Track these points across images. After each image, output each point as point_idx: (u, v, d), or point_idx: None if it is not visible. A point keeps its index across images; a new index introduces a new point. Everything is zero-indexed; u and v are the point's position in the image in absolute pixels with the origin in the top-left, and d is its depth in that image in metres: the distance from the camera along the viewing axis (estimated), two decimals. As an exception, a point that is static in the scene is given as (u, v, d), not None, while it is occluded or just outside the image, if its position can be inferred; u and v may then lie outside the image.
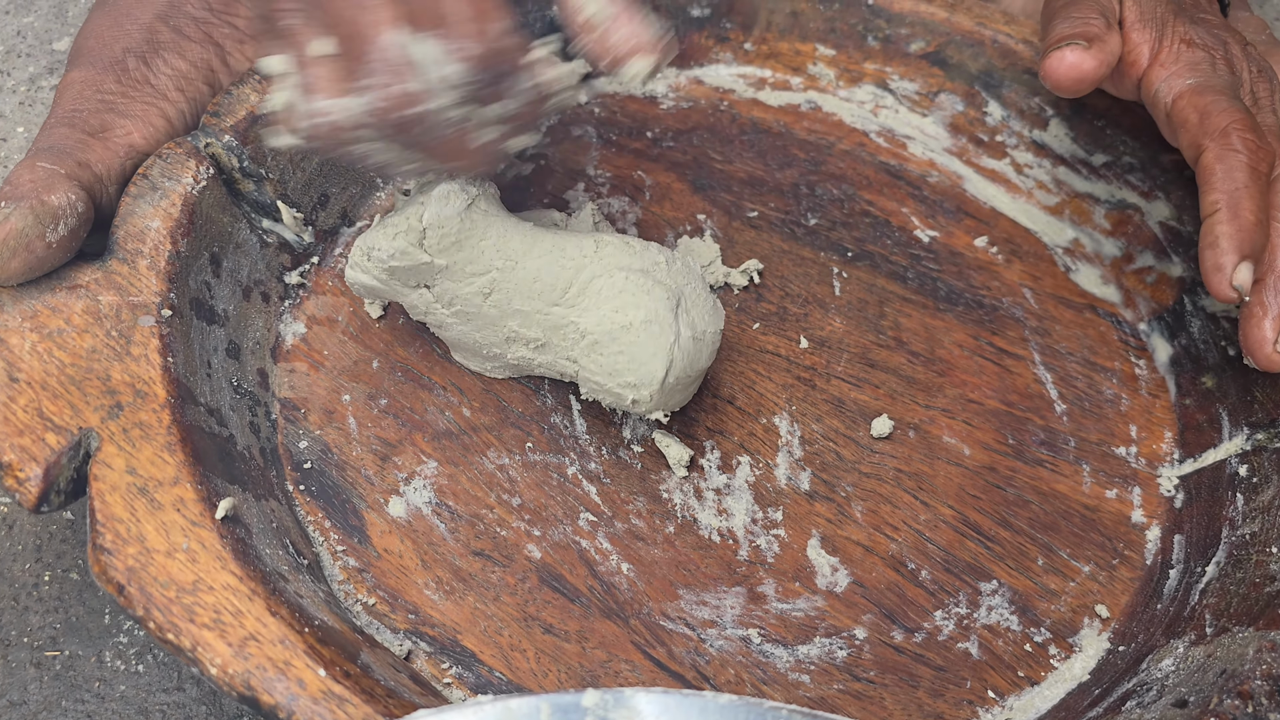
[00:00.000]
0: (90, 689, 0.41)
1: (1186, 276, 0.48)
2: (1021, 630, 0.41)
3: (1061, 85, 0.43)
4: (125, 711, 0.41)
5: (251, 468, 0.41)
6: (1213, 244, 0.40)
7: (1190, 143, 0.42)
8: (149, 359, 0.39)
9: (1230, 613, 0.38)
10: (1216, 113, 0.41)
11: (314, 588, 0.38)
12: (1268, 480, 0.41)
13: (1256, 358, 0.40)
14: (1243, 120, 0.41)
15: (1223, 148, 0.40)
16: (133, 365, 0.39)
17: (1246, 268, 0.39)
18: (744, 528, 0.43)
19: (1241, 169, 0.40)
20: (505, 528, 0.42)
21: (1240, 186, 0.40)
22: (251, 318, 0.45)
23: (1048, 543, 0.43)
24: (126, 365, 0.39)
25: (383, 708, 0.32)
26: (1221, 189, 0.40)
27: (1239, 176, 0.40)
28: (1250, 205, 0.39)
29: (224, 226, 0.45)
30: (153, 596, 0.34)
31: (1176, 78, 0.43)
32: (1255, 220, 0.39)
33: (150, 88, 0.48)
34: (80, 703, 0.41)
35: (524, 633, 0.40)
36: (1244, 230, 0.39)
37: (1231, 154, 0.40)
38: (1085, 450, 0.45)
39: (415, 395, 0.45)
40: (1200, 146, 0.41)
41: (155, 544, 0.35)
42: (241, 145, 0.46)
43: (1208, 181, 0.41)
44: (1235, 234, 0.39)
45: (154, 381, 0.39)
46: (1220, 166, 0.40)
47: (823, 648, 0.40)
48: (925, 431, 0.46)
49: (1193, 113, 0.42)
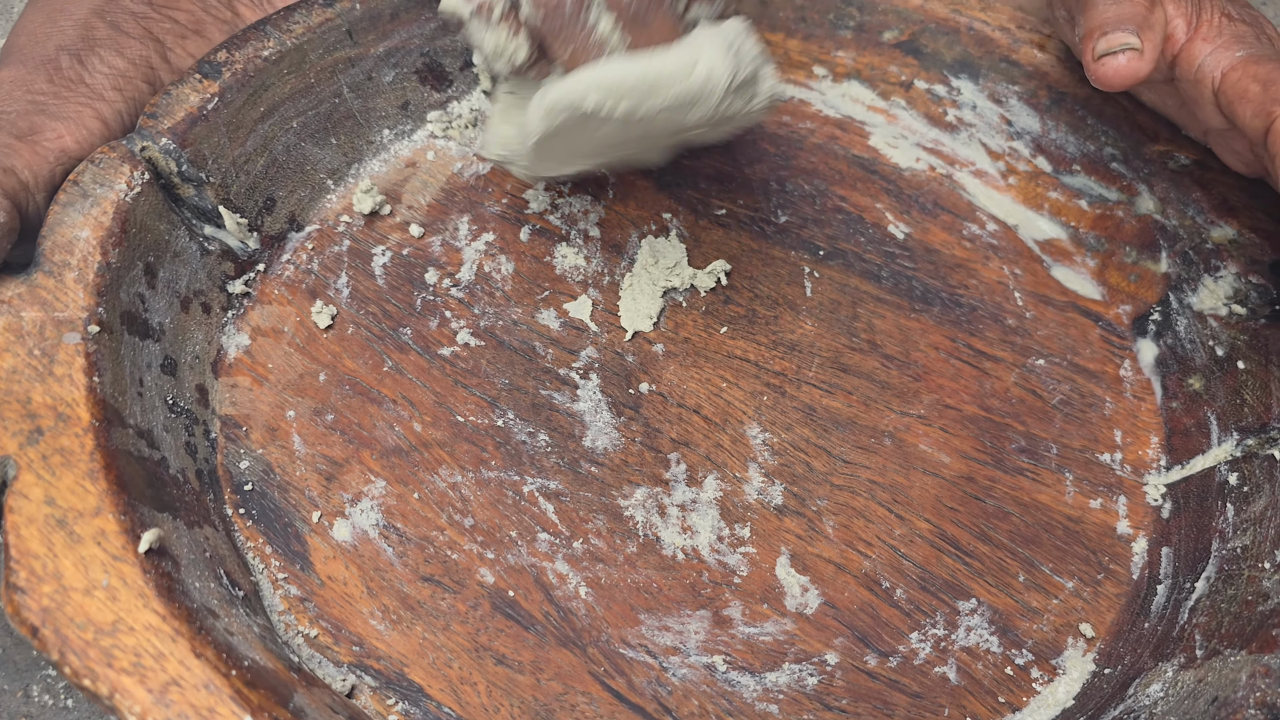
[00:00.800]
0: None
1: (1172, 273, 0.46)
2: (1002, 652, 0.39)
3: (1113, 87, 0.40)
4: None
5: (185, 492, 0.38)
6: None
7: (1256, 112, 0.39)
8: (73, 379, 0.37)
9: (1221, 633, 0.36)
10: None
11: (248, 622, 0.35)
12: (1259, 490, 0.39)
13: None
14: None
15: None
16: (55, 386, 0.37)
17: None
18: (709, 546, 0.41)
19: None
20: (457, 551, 0.40)
21: None
22: (190, 330, 0.43)
23: (1029, 557, 0.41)
24: (49, 386, 0.37)
25: (314, 756, 0.30)
26: None
27: None
28: None
29: (160, 234, 0.43)
30: (69, 639, 0.32)
31: (1224, 50, 0.40)
32: None
33: (85, 87, 0.46)
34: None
35: (475, 664, 0.37)
36: None
37: None
38: (1068, 457, 0.43)
39: (364, 410, 0.43)
40: (1271, 114, 0.38)
41: (73, 581, 0.33)
42: (180, 148, 0.44)
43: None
44: None
45: (78, 403, 0.36)
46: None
47: (792, 674, 0.38)
48: (900, 440, 0.43)
49: (1253, 83, 0.39)
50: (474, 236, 0.48)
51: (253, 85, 0.46)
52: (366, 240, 0.48)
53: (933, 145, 0.52)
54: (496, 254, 0.48)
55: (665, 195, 0.50)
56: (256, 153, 0.46)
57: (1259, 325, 0.42)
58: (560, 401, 0.44)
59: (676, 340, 0.46)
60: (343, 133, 0.49)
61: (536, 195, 0.50)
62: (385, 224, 0.48)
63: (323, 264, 0.47)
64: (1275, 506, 0.38)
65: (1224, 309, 0.43)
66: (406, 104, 0.51)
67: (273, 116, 0.47)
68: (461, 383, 0.44)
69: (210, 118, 0.45)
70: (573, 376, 0.44)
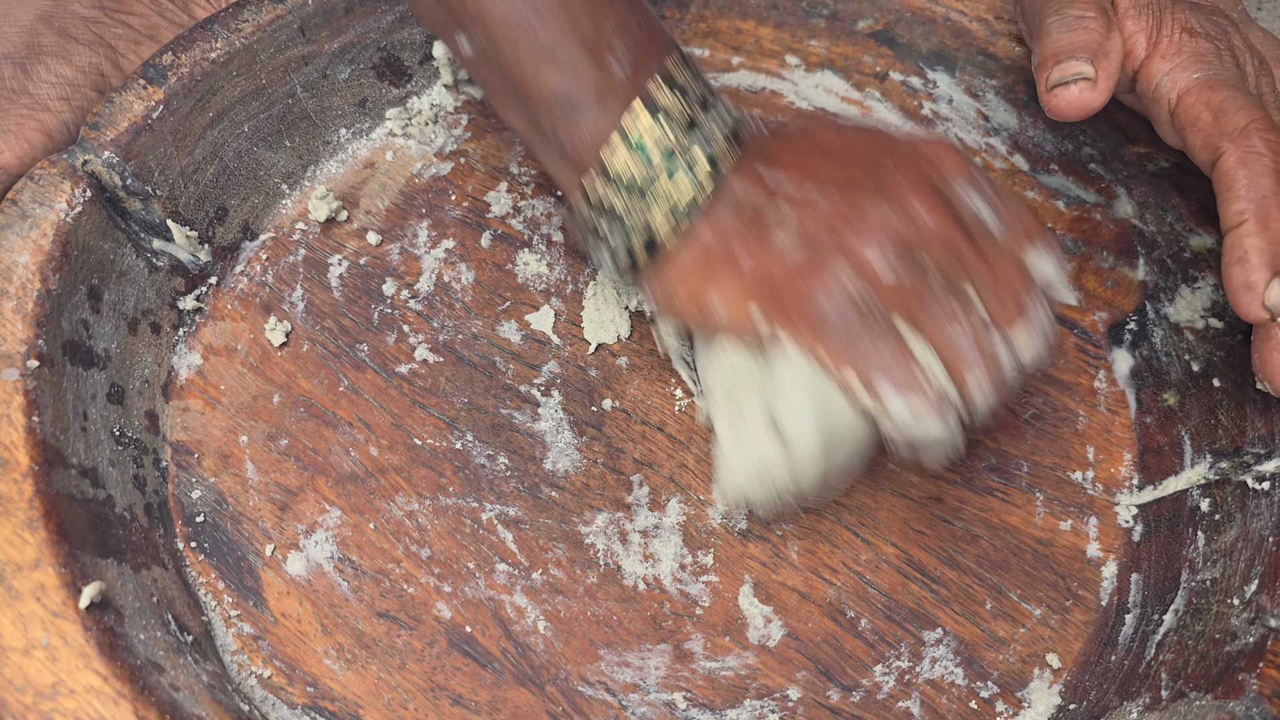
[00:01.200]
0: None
1: (1149, 281, 0.45)
2: (967, 685, 0.38)
3: (1067, 119, 0.39)
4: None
5: (132, 532, 0.37)
6: (1241, 259, 0.36)
7: (1205, 144, 0.38)
8: (11, 419, 0.36)
9: (1188, 673, 0.35)
10: (1233, 110, 0.37)
11: (196, 671, 0.35)
12: (1231, 519, 0.38)
13: (1276, 384, 0.37)
14: (1262, 119, 0.37)
15: (1245, 151, 0.36)
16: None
17: (1279, 285, 0.35)
18: (671, 574, 0.40)
19: (1267, 174, 0.36)
20: (413, 584, 0.39)
21: (1267, 193, 0.36)
22: (139, 354, 0.42)
23: (997, 583, 0.40)
24: (-15, 428, 0.36)
25: (259, 824, 0.30)
26: (1247, 196, 0.36)
27: (1265, 183, 0.36)
28: (1279, 214, 0.36)
29: (105, 254, 0.41)
30: (7, 703, 0.31)
31: (1181, 70, 0.39)
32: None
33: (28, 98, 0.44)
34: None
35: (431, 705, 0.37)
36: (1275, 243, 0.35)
37: (1255, 158, 0.36)
38: (1039, 476, 0.42)
39: (319, 434, 0.42)
40: (1218, 149, 0.37)
41: (12, 640, 0.32)
42: (124, 161, 0.42)
43: (1230, 189, 0.37)
44: (1266, 247, 0.35)
45: (15, 446, 0.35)
46: (1244, 171, 0.36)
47: (753, 711, 0.37)
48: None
49: (1205, 111, 0.38)
50: (434, 244, 0.47)
51: (200, 90, 0.44)
52: (323, 249, 0.46)
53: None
54: (456, 262, 0.46)
55: (631, 197, 0.48)
56: (206, 161, 0.45)
57: (1235, 341, 0.41)
58: (521, 421, 0.43)
59: (641, 352, 0.45)
60: (297, 134, 0.47)
61: (498, 198, 0.48)
62: (342, 231, 0.47)
63: (277, 276, 0.45)
64: (1246, 539, 0.37)
65: (1200, 322, 0.42)
66: (364, 101, 0.49)
67: (222, 121, 0.45)
68: (419, 403, 0.43)
69: (155, 127, 0.43)
70: (534, 394, 0.43)
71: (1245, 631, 0.35)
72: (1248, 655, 0.34)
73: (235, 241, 0.46)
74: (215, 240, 0.45)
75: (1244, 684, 0.33)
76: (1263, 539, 0.36)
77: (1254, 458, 0.38)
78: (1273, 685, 0.33)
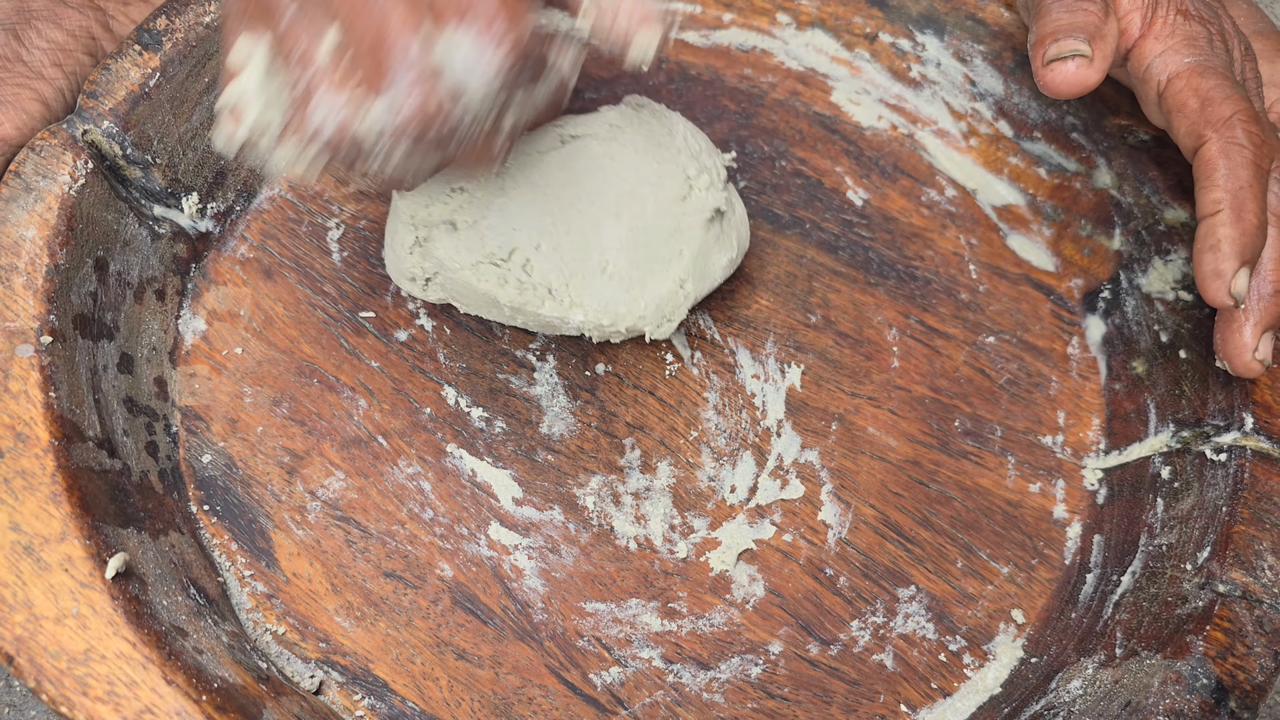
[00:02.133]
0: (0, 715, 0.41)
1: (1124, 251, 0.46)
2: (937, 639, 0.41)
3: (1061, 95, 0.39)
4: (43, 736, 0.41)
5: (149, 499, 0.39)
6: (1213, 247, 0.37)
7: (1189, 130, 0.39)
8: (29, 395, 0.38)
9: (1141, 633, 0.38)
10: (1220, 100, 0.38)
11: (216, 632, 0.37)
12: (1188, 487, 0.40)
13: (1234, 364, 0.38)
14: (1246, 110, 0.38)
15: (1227, 141, 0.38)
16: (12, 404, 0.37)
17: (1245, 274, 0.37)
18: (661, 535, 0.42)
19: (1246, 166, 0.37)
20: (417, 545, 0.41)
21: (1244, 185, 0.37)
22: (145, 321, 0.43)
23: (968, 543, 0.43)
24: (5, 404, 0.37)
25: (282, 779, 0.32)
26: (1225, 187, 0.37)
27: (1243, 174, 0.37)
28: (1253, 206, 0.37)
29: (109, 225, 0.42)
30: (43, 668, 0.33)
31: (1173, 54, 0.40)
32: (1258, 223, 0.37)
33: (22, 65, 0.44)
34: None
35: (437, 659, 0.39)
36: (1247, 234, 0.37)
37: (1236, 149, 0.37)
38: (1011, 440, 0.44)
39: (322, 399, 0.44)
40: (1201, 136, 0.38)
41: (43, 610, 0.34)
42: (124, 131, 0.43)
43: (1209, 177, 0.38)
44: (1238, 238, 0.37)
45: (35, 422, 0.37)
46: (1224, 162, 0.38)
47: (737, 665, 0.40)
48: (850, 423, 0.45)
49: (1192, 97, 0.39)
50: (429, 207, 0.48)
51: (195, 55, 0.45)
52: (321, 213, 0.47)
53: (895, 102, 0.51)
54: (452, 226, 0.47)
55: (623, 159, 0.49)
56: (203, 126, 0.45)
57: (1203, 315, 0.43)
58: (517, 386, 0.44)
59: (633, 317, 0.46)
60: (291, 97, 0.48)
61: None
62: (340, 194, 0.48)
63: (277, 240, 0.46)
64: (1202, 507, 0.39)
65: (1171, 294, 0.44)
66: (357, 60, 0.49)
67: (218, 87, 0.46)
68: (419, 367, 0.44)
69: (153, 95, 0.44)
70: (529, 358, 0.45)
71: (1195, 596, 0.37)
72: (1196, 618, 0.36)
73: (234, 206, 0.47)
74: (215, 205, 0.46)
75: (1191, 645, 0.36)
76: (1217, 508, 0.39)
77: (1214, 429, 0.41)
78: (1217, 647, 0.36)
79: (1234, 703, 0.35)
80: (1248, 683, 0.35)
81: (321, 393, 0.44)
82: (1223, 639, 0.36)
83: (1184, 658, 0.35)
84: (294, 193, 0.47)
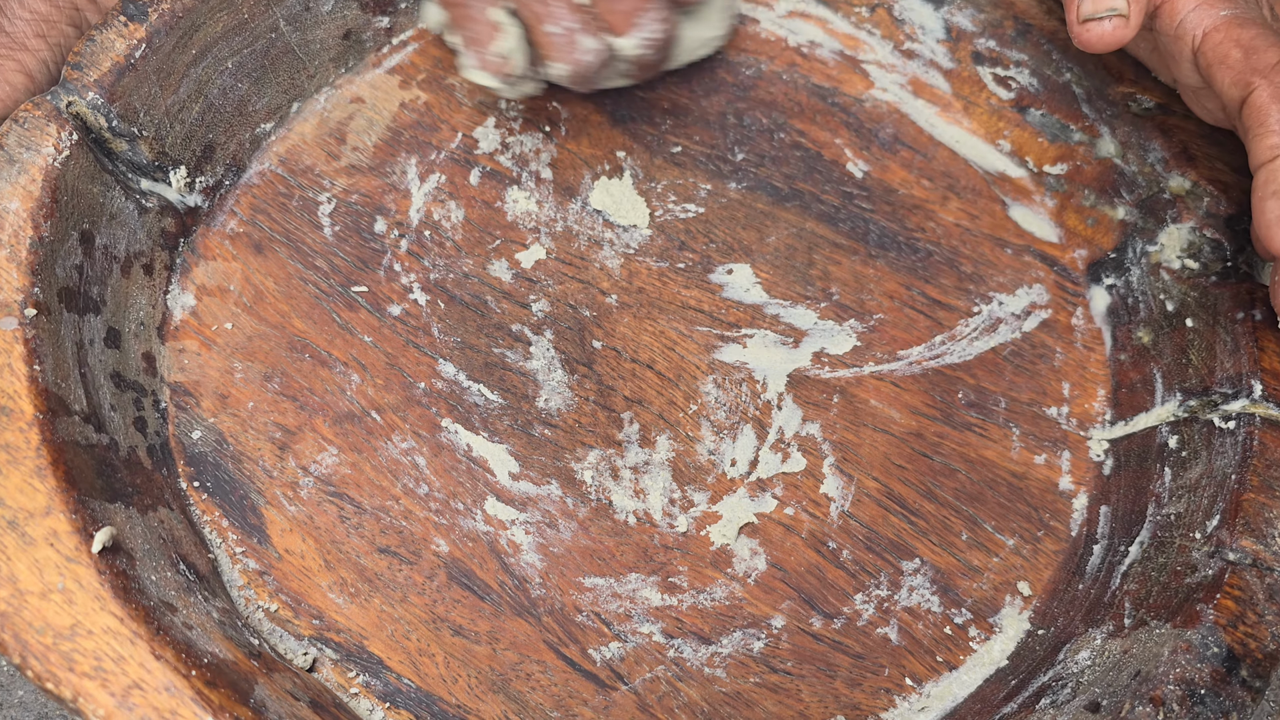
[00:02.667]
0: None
1: (1129, 220, 0.45)
2: (942, 611, 0.40)
3: (1096, 51, 0.39)
4: (24, 717, 0.40)
5: (137, 475, 0.38)
6: (1277, 193, 0.36)
7: (1234, 80, 0.38)
8: (13, 369, 0.37)
9: (1149, 603, 0.37)
10: (1264, 48, 0.38)
11: (207, 608, 0.36)
12: (1196, 456, 0.40)
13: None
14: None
15: (1279, 86, 0.37)
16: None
17: None
18: (661, 509, 0.41)
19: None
20: (412, 520, 0.40)
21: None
22: (133, 296, 0.42)
23: (973, 515, 0.42)
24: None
25: (275, 755, 0.32)
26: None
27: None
28: None
29: (94, 198, 0.42)
30: (29, 644, 0.32)
31: (1206, 8, 0.39)
32: None
33: (5, 36, 0.44)
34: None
35: (433, 635, 0.39)
36: None
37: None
38: (1016, 411, 0.44)
39: (314, 374, 0.43)
40: (1249, 84, 0.38)
41: (28, 585, 0.33)
42: (109, 102, 0.42)
43: (1263, 124, 0.37)
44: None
45: (19, 395, 0.36)
46: (1277, 107, 0.37)
47: (739, 639, 0.39)
48: (852, 395, 0.44)
49: (1234, 48, 0.38)
50: (422, 180, 0.47)
51: (182, 26, 0.44)
52: (312, 187, 0.46)
53: (894, 73, 0.50)
54: (446, 200, 0.47)
55: (620, 132, 0.49)
56: (191, 99, 0.44)
57: (1209, 283, 0.42)
58: (513, 360, 0.44)
59: (630, 290, 0.46)
60: (282, 70, 0.47)
61: (486, 133, 0.48)
62: (331, 168, 0.47)
63: (267, 215, 0.46)
64: (1210, 476, 0.39)
65: (1177, 262, 0.43)
66: (348, 33, 0.48)
67: (206, 58, 0.45)
68: (413, 342, 0.44)
69: (139, 66, 0.43)
70: (525, 333, 0.44)
71: (1205, 565, 0.37)
72: (1206, 587, 0.36)
73: (223, 180, 0.46)
74: (203, 179, 0.45)
75: (1201, 614, 0.35)
76: (1225, 476, 0.38)
77: (1221, 397, 0.40)
78: (1228, 615, 0.35)
79: (1245, 671, 0.34)
80: (1259, 651, 0.34)
81: (314, 368, 0.43)
82: (1233, 607, 0.35)
83: (1194, 626, 0.35)
84: (284, 167, 0.46)
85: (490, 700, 0.38)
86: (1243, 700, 0.34)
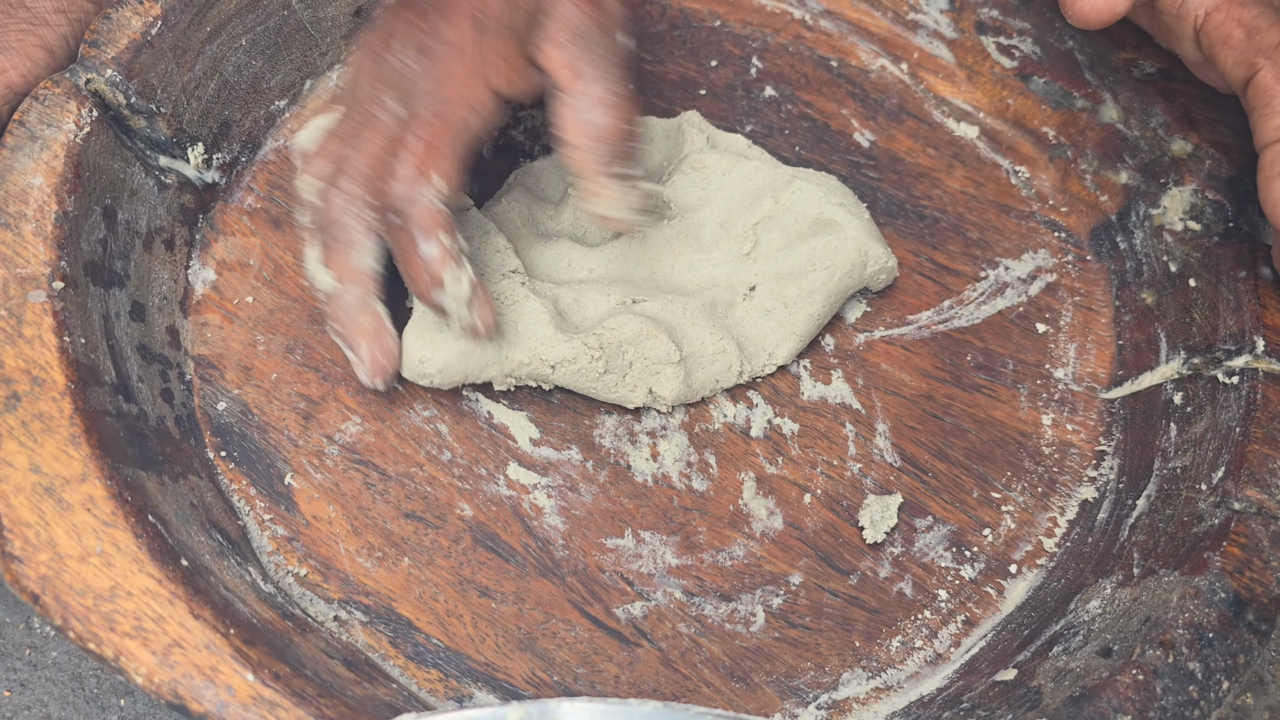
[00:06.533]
0: (21, 656, 0.41)
1: (1132, 184, 0.46)
2: (955, 567, 0.41)
3: (1090, 26, 0.39)
4: (59, 678, 0.41)
5: (166, 444, 0.39)
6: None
7: (1238, 61, 0.39)
8: (43, 340, 0.37)
9: (1157, 553, 0.38)
10: (1267, 27, 0.38)
11: (240, 572, 0.37)
12: (1201, 411, 0.41)
13: None
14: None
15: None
16: (26, 349, 0.37)
17: None
18: (679, 472, 0.42)
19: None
20: (436, 486, 0.41)
21: None
22: (155, 270, 0.43)
23: (983, 474, 0.43)
24: (20, 349, 0.37)
25: (315, 709, 0.32)
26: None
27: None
28: None
29: (115, 174, 0.42)
30: (70, 606, 0.33)
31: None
32: None
33: (25, 11, 0.44)
34: (12, 671, 0.41)
35: (460, 597, 0.40)
36: None
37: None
38: (1023, 373, 0.45)
39: (335, 345, 0.43)
40: (1254, 65, 0.38)
41: (67, 549, 0.34)
42: (127, 79, 0.42)
43: (1268, 104, 0.38)
44: None
45: (51, 366, 0.37)
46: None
47: (759, 596, 0.40)
48: (863, 360, 0.45)
49: (1236, 28, 0.39)
50: (436, 155, 0.47)
51: (196, 4, 0.44)
52: (326, 163, 0.47)
53: (899, 44, 0.51)
54: (459, 174, 0.47)
55: (628, 105, 0.49)
56: (206, 76, 0.45)
57: (1212, 243, 0.43)
58: (530, 329, 0.44)
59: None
60: (294, 47, 0.48)
61: (497, 107, 0.49)
62: (344, 144, 0.47)
63: (285, 191, 0.46)
64: (1215, 429, 0.40)
65: (1179, 224, 0.44)
66: (359, 10, 0.49)
67: (220, 36, 0.45)
68: (431, 313, 0.44)
69: (155, 43, 0.43)
70: (541, 303, 0.45)
71: (1211, 514, 0.38)
72: (1213, 536, 0.37)
73: (239, 156, 0.46)
74: (220, 155, 0.46)
75: (1208, 561, 0.36)
76: (1230, 430, 0.39)
77: (1225, 354, 0.41)
78: (1234, 562, 0.36)
79: (1252, 615, 0.35)
80: (1265, 595, 0.35)
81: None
82: (1239, 554, 0.36)
83: (1202, 573, 0.36)
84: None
85: (518, 658, 0.39)
86: (1249, 643, 0.35)
